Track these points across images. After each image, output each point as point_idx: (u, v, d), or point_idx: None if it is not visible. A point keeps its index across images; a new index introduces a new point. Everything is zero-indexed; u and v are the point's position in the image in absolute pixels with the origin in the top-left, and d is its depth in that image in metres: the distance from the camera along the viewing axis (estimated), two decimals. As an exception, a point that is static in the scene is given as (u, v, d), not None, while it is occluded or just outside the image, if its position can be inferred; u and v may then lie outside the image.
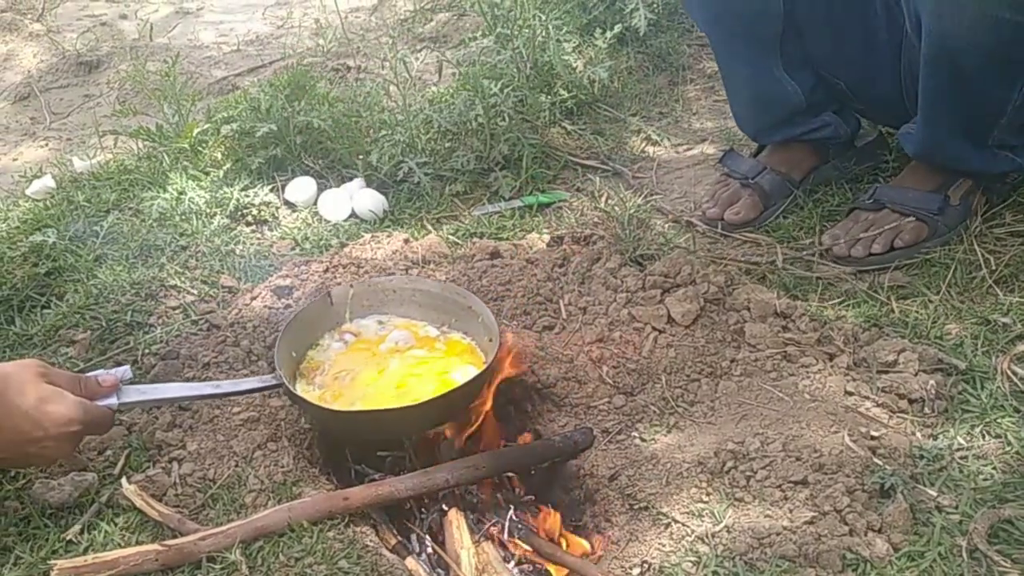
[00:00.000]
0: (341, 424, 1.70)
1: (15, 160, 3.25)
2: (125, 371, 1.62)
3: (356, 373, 1.77)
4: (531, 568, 1.65)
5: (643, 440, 1.72)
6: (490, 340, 1.77)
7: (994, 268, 1.99)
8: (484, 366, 1.72)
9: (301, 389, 1.72)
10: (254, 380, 1.74)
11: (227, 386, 1.72)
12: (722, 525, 1.51)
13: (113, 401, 1.58)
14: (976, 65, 1.89)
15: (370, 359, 1.80)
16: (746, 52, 2.29)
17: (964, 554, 1.40)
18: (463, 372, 1.73)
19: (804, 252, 2.19)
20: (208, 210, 2.41)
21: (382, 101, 2.79)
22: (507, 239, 2.33)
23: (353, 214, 2.49)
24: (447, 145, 2.65)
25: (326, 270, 2.14)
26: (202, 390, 1.72)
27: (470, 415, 1.76)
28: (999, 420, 1.64)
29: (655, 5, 3.15)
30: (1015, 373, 1.72)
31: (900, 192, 2.19)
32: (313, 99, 2.72)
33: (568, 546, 1.65)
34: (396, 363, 1.79)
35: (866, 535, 1.45)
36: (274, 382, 1.68)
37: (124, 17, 4.51)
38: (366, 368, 1.78)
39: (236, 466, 1.66)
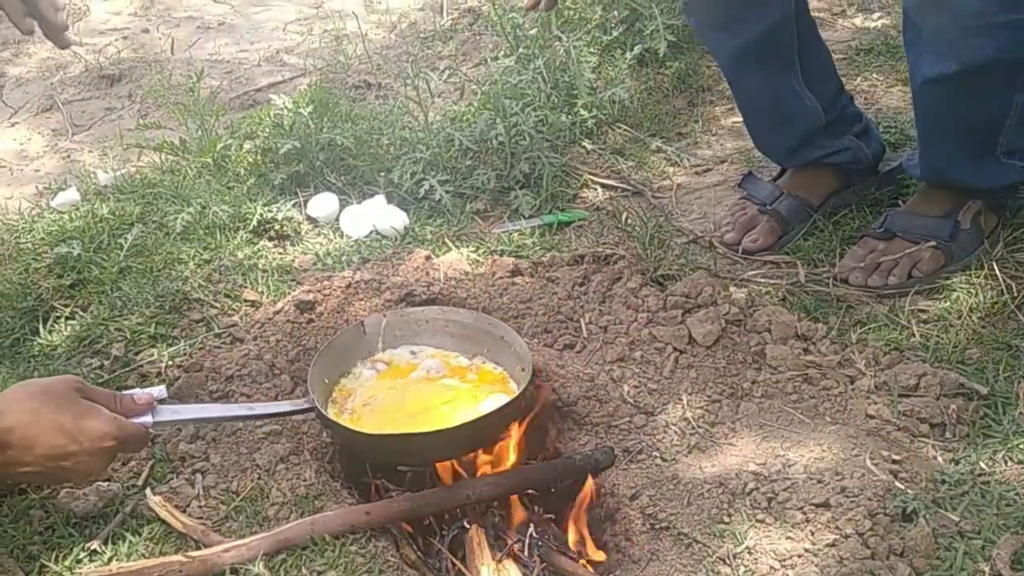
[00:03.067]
0: (370, 448, 1.71)
1: (37, 171, 3.28)
2: (160, 390, 1.65)
3: (386, 400, 1.77)
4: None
5: (664, 460, 1.73)
6: (522, 370, 1.76)
7: (1015, 294, 1.99)
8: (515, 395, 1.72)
9: (332, 415, 1.72)
10: (286, 403, 1.77)
11: (260, 408, 1.74)
12: (743, 546, 1.51)
13: (148, 419, 1.60)
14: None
15: (401, 387, 1.81)
16: (761, 65, 2.29)
17: (987, 579, 1.40)
18: (494, 401, 1.73)
19: (824, 275, 2.19)
20: (231, 224, 2.43)
21: (403, 119, 2.81)
22: (528, 257, 2.34)
23: (374, 230, 2.50)
24: (468, 163, 2.67)
25: (348, 286, 2.16)
26: (235, 411, 1.74)
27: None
28: (1021, 445, 1.64)
29: (675, 27, 3.17)
30: (1037, 399, 1.73)
31: (910, 219, 2.19)
32: (336, 116, 2.74)
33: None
34: (427, 391, 1.79)
35: (888, 559, 1.45)
36: (306, 405, 1.70)
37: (146, 31, 4.55)
38: (396, 396, 1.79)
39: (259, 479, 1.67)
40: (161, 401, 1.65)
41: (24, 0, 1.73)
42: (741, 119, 2.97)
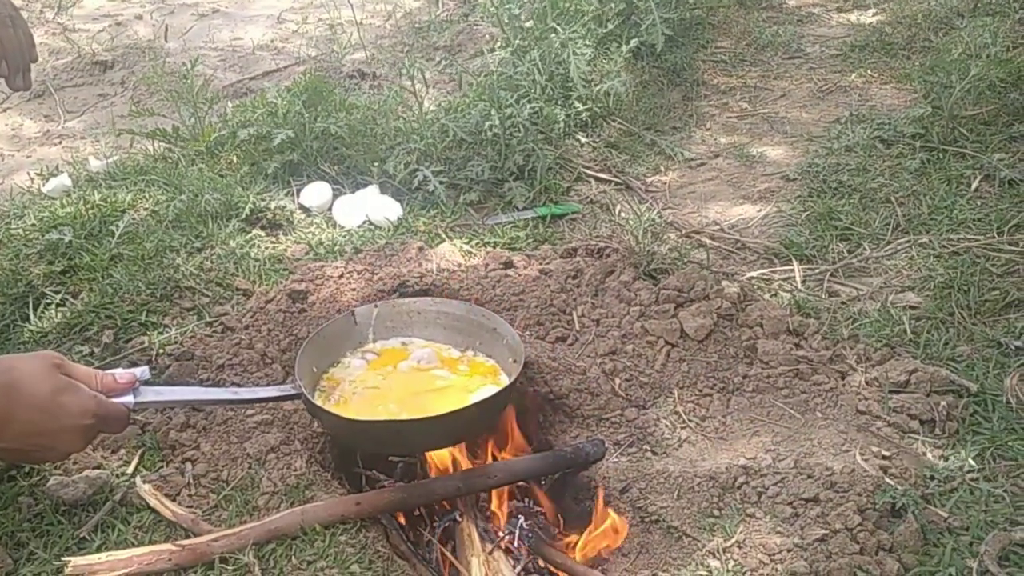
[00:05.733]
0: (356, 434, 1.69)
1: (28, 157, 3.27)
2: (144, 371, 1.59)
3: (376, 390, 1.76)
4: (540, 578, 1.66)
5: (654, 453, 1.73)
6: (514, 361, 1.74)
7: (1005, 291, 2.00)
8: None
9: (319, 402, 1.71)
10: (272, 389, 1.74)
11: (245, 393, 1.71)
12: (733, 540, 1.51)
13: (129, 399, 1.55)
14: None
15: (390, 376, 1.80)
16: None
17: (975, 576, 1.41)
18: (484, 392, 1.71)
19: (817, 270, 2.20)
20: (224, 213, 2.42)
21: (398, 109, 2.80)
22: (520, 249, 2.34)
23: (367, 220, 2.50)
24: (462, 154, 2.66)
25: (340, 276, 2.15)
26: (220, 395, 1.72)
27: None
28: (1010, 443, 1.65)
29: (671, 21, 3.17)
30: (1027, 396, 1.73)
31: None
32: (330, 106, 2.73)
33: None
34: (417, 381, 1.78)
35: (876, 554, 1.46)
36: (293, 391, 1.67)
37: (139, 18, 4.54)
38: (385, 384, 1.77)
39: (249, 468, 1.67)
40: (145, 382, 1.59)
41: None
42: (734, 114, 2.99)
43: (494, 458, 1.83)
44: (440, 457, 1.79)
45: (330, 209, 2.54)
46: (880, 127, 2.75)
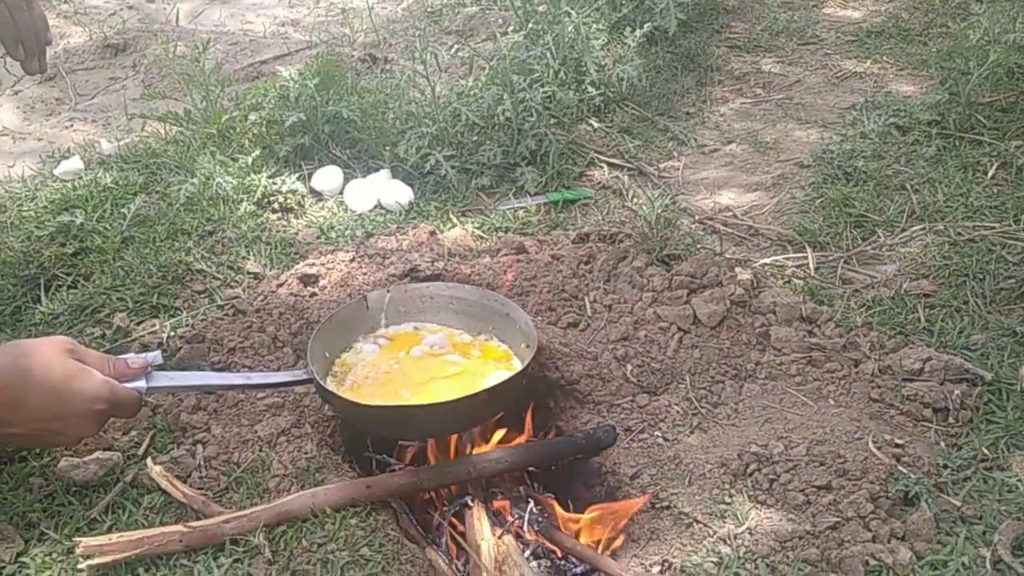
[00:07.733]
0: (367, 419, 1.69)
1: (40, 140, 3.27)
2: (156, 356, 1.60)
3: (388, 375, 1.76)
4: (550, 563, 1.66)
5: (666, 440, 1.72)
6: (527, 346, 1.74)
7: (1021, 279, 1.98)
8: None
9: (332, 387, 1.70)
10: (284, 374, 1.74)
11: (257, 377, 1.71)
12: (744, 527, 1.51)
13: (141, 384, 1.57)
14: None
15: (403, 361, 1.79)
16: None
17: (988, 565, 1.40)
18: (496, 378, 1.70)
19: (831, 257, 2.18)
20: (235, 196, 2.42)
21: (410, 93, 2.79)
22: (532, 235, 2.33)
23: (379, 204, 2.49)
24: (474, 139, 2.65)
25: (352, 259, 2.15)
26: (232, 380, 1.72)
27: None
28: (1024, 432, 1.64)
29: (685, 5, 3.14)
30: (1042, 385, 1.72)
31: None
32: (342, 89, 2.72)
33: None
34: (429, 366, 1.77)
35: (889, 542, 1.45)
36: (305, 376, 1.67)
37: (151, 1, 4.52)
38: (398, 370, 1.77)
39: (260, 451, 1.67)
40: (157, 367, 1.61)
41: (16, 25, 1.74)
42: (748, 99, 2.96)
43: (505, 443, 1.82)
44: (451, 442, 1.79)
45: (341, 193, 2.54)
46: (896, 114, 2.72)
